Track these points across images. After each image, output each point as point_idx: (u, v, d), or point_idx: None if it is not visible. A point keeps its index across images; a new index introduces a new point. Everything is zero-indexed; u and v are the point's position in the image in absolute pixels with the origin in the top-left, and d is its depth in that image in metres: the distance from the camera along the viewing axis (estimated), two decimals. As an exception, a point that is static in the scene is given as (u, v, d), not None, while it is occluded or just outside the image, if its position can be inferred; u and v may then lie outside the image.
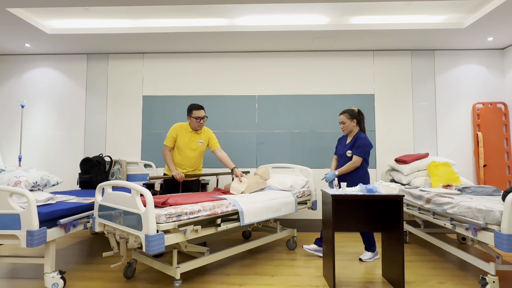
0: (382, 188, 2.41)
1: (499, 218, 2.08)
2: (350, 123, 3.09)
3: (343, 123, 3.12)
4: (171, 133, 3.21)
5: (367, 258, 3.04)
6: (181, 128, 3.23)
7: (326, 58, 4.39)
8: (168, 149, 3.22)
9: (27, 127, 4.43)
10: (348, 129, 3.11)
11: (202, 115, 3.17)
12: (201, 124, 3.20)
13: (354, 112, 3.11)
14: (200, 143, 3.26)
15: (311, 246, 3.17)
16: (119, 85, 4.45)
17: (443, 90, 4.30)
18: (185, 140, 3.20)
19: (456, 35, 3.84)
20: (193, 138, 3.23)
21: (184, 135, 3.21)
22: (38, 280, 2.58)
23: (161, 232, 2.05)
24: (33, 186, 2.61)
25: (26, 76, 4.49)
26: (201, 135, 3.28)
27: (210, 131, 3.38)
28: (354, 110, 3.13)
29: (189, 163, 3.24)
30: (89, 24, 3.80)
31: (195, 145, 3.23)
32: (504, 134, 4.18)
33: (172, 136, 3.20)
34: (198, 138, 3.26)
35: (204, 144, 3.30)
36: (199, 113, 3.15)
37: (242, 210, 2.64)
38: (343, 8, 3.44)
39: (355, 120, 3.10)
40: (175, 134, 3.20)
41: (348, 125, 3.10)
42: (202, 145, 3.28)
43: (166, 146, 3.22)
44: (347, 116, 3.09)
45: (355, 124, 3.11)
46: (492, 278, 2.23)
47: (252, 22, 3.72)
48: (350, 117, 3.09)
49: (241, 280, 2.57)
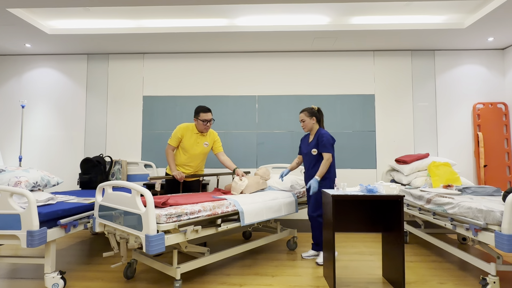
0: (383, 188, 2.41)
1: (499, 218, 2.07)
2: (310, 121, 3.10)
3: (303, 121, 3.12)
4: (176, 133, 3.19)
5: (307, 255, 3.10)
6: (187, 129, 3.21)
7: (327, 58, 4.39)
8: (171, 148, 3.21)
9: (28, 127, 4.43)
10: (308, 127, 3.12)
11: (209, 118, 3.16)
12: (207, 127, 3.19)
13: (313, 110, 3.12)
14: (206, 145, 3.25)
15: (310, 253, 3.14)
16: (119, 85, 4.45)
17: (443, 90, 4.30)
18: (191, 141, 3.19)
19: (457, 35, 3.84)
20: (199, 140, 3.22)
21: (190, 136, 3.20)
22: (38, 280, 2.58)
23: (162, 232, 2.05)
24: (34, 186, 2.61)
25: (26, 76, 4.49)
26: (206, 137, 3.28)
27: (216, 134, 3.38)
28: (313, 108, 3.14)
29: (194, 164, 3.25)
30: (89, 25, 3.81)
31: (200, 147, 3.22)
32: (505, 134, 4.18)
33: (177, 136, 3.18)
34: (204, 140, 3.25)
35: (209, 146, 3.30)
36: (206, 116, 3.15)
37: (243, 210, 2.63)
38: (343, 8, 3.44)
39: (315, 118, 3.11)
40: (181, 134, 3.19)
41: (308, 123, 3.10)
42: (207, 147, 3.27)
43: (170, 145, 3.20)
44: (306, 114, 3.11)
45: (314, 121, 3.11)
46: (492, 279, 2.23)
47: (253, 22, 3.72)
48: (309, 115, 3.10)
49: (241, 280, 2.57)
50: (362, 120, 4.30)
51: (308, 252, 3.15)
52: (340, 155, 4.27)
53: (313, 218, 3.04)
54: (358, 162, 4.26)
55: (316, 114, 3.13)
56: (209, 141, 3.30)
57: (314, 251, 3.12)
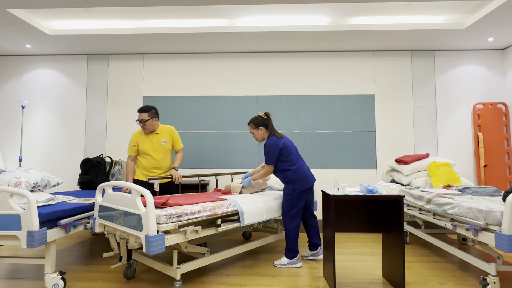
0: (383, 188, 2.41)
1: (499, 218, 2.07)
2: (258, 132, 2.99)
3: (252, 134, 3.03)
4: (130, 142, 3.13)
5: (280, 263, 2.89)
6: (139, 135, 3.14)
7: (326, 58, 4.39)
8: (130, 159, 3.13)
9: (28, 128, 4.44)
10: (259, 138, 3.02)
11: (141, 118, 3.07)
12: (144, 127, 3.09)
13: (258, 120, 2.98)
14: (164, 142, 3.15)
15: (307, 253, 3.11)
16: (119, 85, 4.45)
17: (443, 90, 4.30)
18: (147, 144, 3.10)
19: (456, 36, 3.84)
20: (154, 139, 3.13)
21: (144, 139, 3.12)
22: (39, 280, 2.58)
23: (162, 233, 2.05)
24: (34, 186, 2.61)
25: (26, 77, 4.49)
26: (161, 134, 3.17)
27: (173, 129, 3.26)
28: (258, 117, 3.00)
29: (157, 165, 3.13)
30: (89, 25, 3.81)
31: (158, 146, 3.13)
32: (505, 134, 4.18)
33: (132, 145, 3.12)
34: (159, 138, 3.15)
35: (168, 143, 3.18)
36: (139, 116, 3.08)
37: (243, 210, 2.64)
38: (343, 9, 3.44)
39: (262, 127, 2.98)
40: (135, 142, 3.11)
41: (257, 134, 3.00)
42: (166, 144, 3.17)
43: (129, 156, 3.14)
44: (252, 126, 3.00)
45: (263, 131, 2.99)
46: (493, 279, 2.23)
47: (252, 22, 3.72)
48: (255, 126, 2.99)
49: (241, 280, 2.57)
50: (362, 120, 4.30)
51: (307, 253, 3.11)
52: (340, 156, 4.27)
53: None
54: (358, 163, 4.26)
55: (261, 122, 2.98)
56: (167, 137, 3.18)
57: (311, 251, 3.07)
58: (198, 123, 4.37)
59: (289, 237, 2.90)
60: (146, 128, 3.10)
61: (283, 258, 2.91)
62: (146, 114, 3.07)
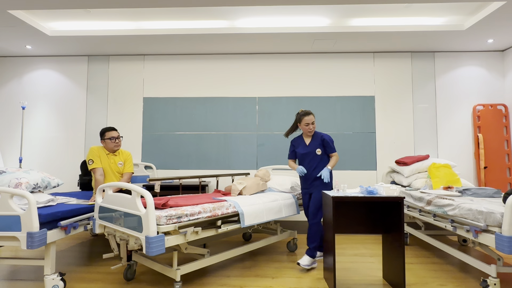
0: (383, 190, 2.41)
1: (500, 220, 2.07)
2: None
3: (313, 124, 3.02)
4: (93, 155, 3.02)
5: (305, 264, 2.81)
6: (100, 151, 3.10)
7: (327, 60, 4.39)
8: (99, 173, 2.97)
9: (28, 129, 4.44)
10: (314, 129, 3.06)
11: (116, 135, 3.10)
12: (117, 144, 3.10)
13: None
14: (120, 164, 3.14)
15: (306, 259, 2.86)
16: (119, 86, 4.46)
17: (443, 91, 4.30)
18: (106, 163, 3.07)
19: (456, 37, 3.85)
20: (112, 160, 3.11)
21: (105, 158, 3.09)
22: (38, 282, 2.58)
23: (162, 234, 2.05)
24: (34, 187, 2.61)
25: (27, 78, 4.50)
26: (119, 156, 3.17)
27: (129, 153, 3.24)
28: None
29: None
30: (90, 26, 3.82)
31: (116, 168, 3.11)
32: (505, 135, 4.18)
33: (97, 156, 3.03)
34: (117, 159, 3.14)
35: (123, 166, 3.17)
36: (112, 133, 3.08)
37: (243, 211, 2.63)
38: (343, 10, 3.45)
39: None
40: (98, 154, 3.05)
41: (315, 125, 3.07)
42: (122, 167, 3.15)
43: (98, 169, 2.98)
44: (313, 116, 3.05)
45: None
46: (493, 280, 2.22)
47: (253, 24, 3.73)
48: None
49: (241, 282, 2.57)
50: (362, 122, 4.30)
51: (304, 259, 2.86)
52: (340, 157, 4.27)
53: (315, 224, 2.89)
54: (358, 164, 4.26)
55: None
56: (123, 160, 3.17)
57: (310, 257, 2.85)
58: (198, 124, 4.37)
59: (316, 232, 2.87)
60: (119, 145, 3.15)
61: (307, 258, 2.81)
62: (117, 132, 3.14)
